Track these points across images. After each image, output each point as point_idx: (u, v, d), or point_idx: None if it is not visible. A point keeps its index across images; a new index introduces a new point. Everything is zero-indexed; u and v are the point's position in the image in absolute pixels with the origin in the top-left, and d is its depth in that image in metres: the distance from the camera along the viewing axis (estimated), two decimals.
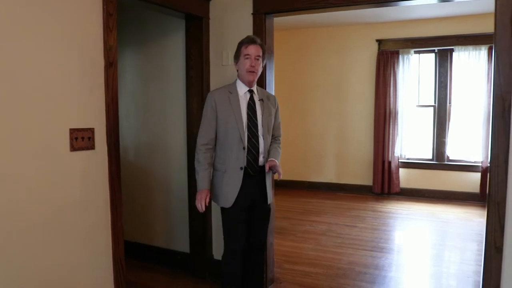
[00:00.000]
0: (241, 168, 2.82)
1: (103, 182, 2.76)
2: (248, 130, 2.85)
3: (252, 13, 3.59)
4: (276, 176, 2.99)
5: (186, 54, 3.84)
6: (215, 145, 2.90)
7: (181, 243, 4.10)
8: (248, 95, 2.90)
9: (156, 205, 4.27)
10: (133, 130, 4.36)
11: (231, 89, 2.90)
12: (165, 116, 4.11)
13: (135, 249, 4.27)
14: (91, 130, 2.66)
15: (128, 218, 3.97)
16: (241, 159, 2.83)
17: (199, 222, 3.90)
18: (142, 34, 4.21)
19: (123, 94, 4.19)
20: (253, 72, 2.85)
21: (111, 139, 2.78)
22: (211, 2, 3.76)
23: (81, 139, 2.58)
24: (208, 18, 3.77)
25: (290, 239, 5.04)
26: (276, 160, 2.92)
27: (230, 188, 2.85)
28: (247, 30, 3.54)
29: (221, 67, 3.76)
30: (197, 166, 2.88)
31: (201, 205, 2.86)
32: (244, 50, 2.84)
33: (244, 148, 2.83)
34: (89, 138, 2.64)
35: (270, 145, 3.03)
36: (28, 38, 2.28)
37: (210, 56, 3.80)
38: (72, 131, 2.53)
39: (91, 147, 2.66)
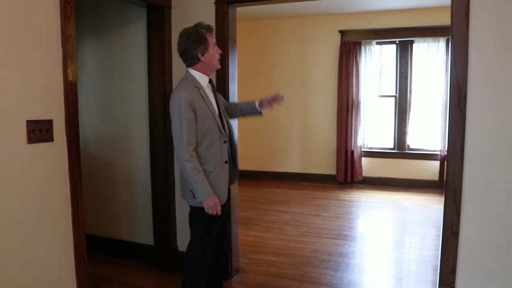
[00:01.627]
0: (226, 162, 2.77)
1: (63, 174, 2.69)
2: (221, 122, 2.78)
3: (214, 2, 3.56)
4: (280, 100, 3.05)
5: (148, 45, 3.77)
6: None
7: (146, 236, 4.06)
8: (209, 86, 2.82)
9: (119, 198, 4.20)
10: (95, 122, 4.27)
11: (195, 83, 2.70)
12: (127, 108, 4.04)
13: (99, 243, 4.20)
14: (49, 122, 2.58)
15: (91, 211, 3.91)
16: (225, 153, 2.77)
17: (163, 214, 3.87)
18: (103, 23, 4.11)
19: (83, 85, 4.10)
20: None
21: (71, 131, 2.72)
22: None
23: (38, 131, 2.51)
24: (170, 8, 3.72)
25: (254, 229, 5.07)
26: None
27: (221, 186, 2.76)
28: (210, 19, 3.51)
29: None
30: (195, 175, 2.59)
31: (217, 211, 2.66)
32: (211, 38, 2.72)
33: (225, 142, 2.77)
34: (47, 130, 2.57)
35: (235, 107, 3.11)
36: None
37: (172, 46, 3.75)
38: (29, 123, 2.45)
39: (50, 139, 2.59)
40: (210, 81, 2.83)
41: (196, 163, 2.59)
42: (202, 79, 2.75)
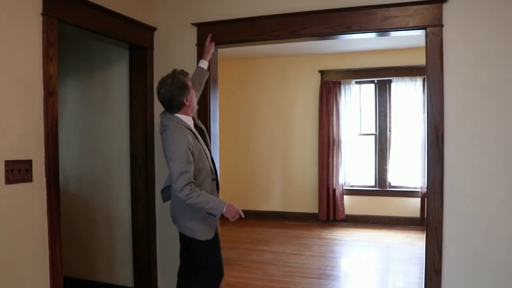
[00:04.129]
0: None
1: (41, 216, 2.65)
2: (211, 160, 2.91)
3: (196, 44, 3.62)
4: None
5: (130, 84, 3.81)
6: None
7: (125, 278, 3.96)
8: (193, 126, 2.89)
9: (98, 238, 4.12)
10: (75, 160, 4.23)
11: (187, 126, 2.76)
12: (108, 147, 4.03)
13: (76, 285, 4.07)
14: (29, 162, 2.56)
15: (69, 252, 3.82)
16: (214, 191, 2.90)
17: (143, 255, 3.80)
18: (85, 63, 4.15)
19: (64, 124, 4.08)
20: None
21: (50, 171, 2.69)
22: (155, 32, 3.77)
23: (17, 172, 2.47)
24: (152, 48, 3.78)
25: (237, 269, 4.98)
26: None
27: (211, 218, 2.83)
28: (192, 60, 3.57)
29: None
30: (202, 198, 2.64)
31: (240, 213, 2.81)
32: (189, 82, 2.81)
33: (214, 180, 2.90)
34: (26, 170, 2.54)
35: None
36: None
37: (154, 86, 3.77)
38: (8, 163, 2.43)
39: (29, 179, 2.56)
40: (193, 121, 2.91)
41: (196, 191, 2.63)
42: (189, 120, 2.83)
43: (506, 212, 2.88)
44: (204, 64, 3.33)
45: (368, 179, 7.58)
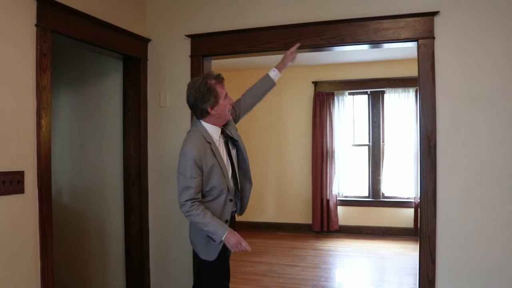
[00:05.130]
0: (226, 221, 2.63)
1: (33, 228, 2.62)
2: (232, 179, 2.69)
3: (190, 55, 3.64)
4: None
5: (124, 96, 3.81)
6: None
7: None
8: (222, 137, 2.68)
9: (91, 249, 4.09)
10: (68, 171, 4.21)
11: (207, 137, 2.56)
12: (101, 158, 4.01)
13: None
14: (21, 174, 2.54)
15: (61, 264, 3.78)
16: (227, 212, 2.66)
17: (136, 266, 3.77)
18: (79, 74, 4.14)
19: (57, 135, 4.07)
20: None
21: (43, 182, 2.68)
22: (149, 44, 3.79)
23: (9, 183, 2.46)
24: (146, 59, 3.78)
25: (231, 281, 4.94)
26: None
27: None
28: (185, 71, 3.59)
29: (159, 108, 3.76)
30: (201, 219, 2.46)
31: (244, 245, 2.55)
32: (222, 89, 2.59)
33: (231, 200, 2.67)
34: (18, 181, 2.52)
35: (248, 97, 3.10)
36: None
37: (148, 97, 3.78)
38: None
39: (20, 191, 2.54)
40: (223, 132, 2.69)
41: (197, 209, 2.46)
42: (214, 131, 2.62)
43: (498, 221, 2.90)
44: (273, 73, 3.11)
45: (361, 190, 7.59)
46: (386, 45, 3.26)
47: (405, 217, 7.19)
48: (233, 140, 2.76)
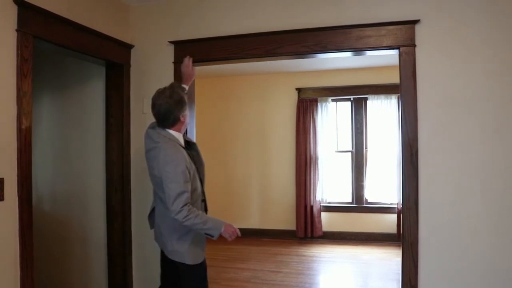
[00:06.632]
0: None
1: (12, 236, 2.58)
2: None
3: (173, 62, 3.63)
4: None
5: (106, 102, 3.78)
6: None
7: None
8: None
9: (73, 256, 4.03)
10: (49, 178, 4.15)
11: (178, 142, 2.69)
12: (84, 165, 3.96)
13: None
14: (0, 180, 2.50)
15: (42, 273, 3.72)
16: (203, 212, 2.78)
17: (119, 273, 3.73)
18: (61, 80, 4.10)
19: (39, 141, 4.02)
20: None
21: (23, 189, 2.63)
22: (132, 50, 3.77)
23: None
24: (129, 66, 3.77)
25: (214, 287, 4.94)
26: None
27: (203, 241, 2.81)
28: (169, 78, 3.57)
29: (142, 115, 3.74)
30: (200, 219, 2.56)
31: (237, 232, 2.78)
32: (186, 100, 2.74)
33: (203, 201, 2.83)
34: None
35: None
36: None
37: (131, 103, 3.76)
38: None
39: (0, 198, 2.50)
40: (184, 138, 2.83)
41: (194, 212, 2.54)
42: (181, 138, 2.76)
43: (481, 227, 2.94)
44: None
45: (345, 196, 7.63)
46: (369, 53, 3.30)
47: (388, 222, 7.24)
48: (191, 144, 2.92)
